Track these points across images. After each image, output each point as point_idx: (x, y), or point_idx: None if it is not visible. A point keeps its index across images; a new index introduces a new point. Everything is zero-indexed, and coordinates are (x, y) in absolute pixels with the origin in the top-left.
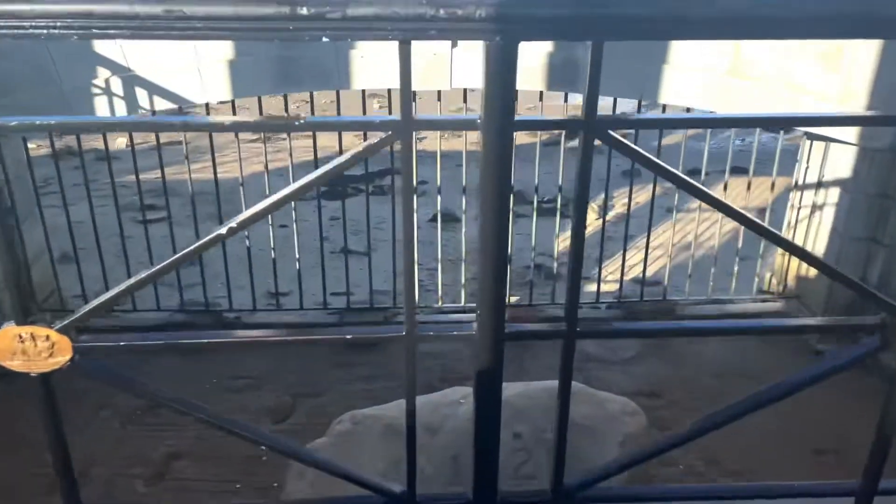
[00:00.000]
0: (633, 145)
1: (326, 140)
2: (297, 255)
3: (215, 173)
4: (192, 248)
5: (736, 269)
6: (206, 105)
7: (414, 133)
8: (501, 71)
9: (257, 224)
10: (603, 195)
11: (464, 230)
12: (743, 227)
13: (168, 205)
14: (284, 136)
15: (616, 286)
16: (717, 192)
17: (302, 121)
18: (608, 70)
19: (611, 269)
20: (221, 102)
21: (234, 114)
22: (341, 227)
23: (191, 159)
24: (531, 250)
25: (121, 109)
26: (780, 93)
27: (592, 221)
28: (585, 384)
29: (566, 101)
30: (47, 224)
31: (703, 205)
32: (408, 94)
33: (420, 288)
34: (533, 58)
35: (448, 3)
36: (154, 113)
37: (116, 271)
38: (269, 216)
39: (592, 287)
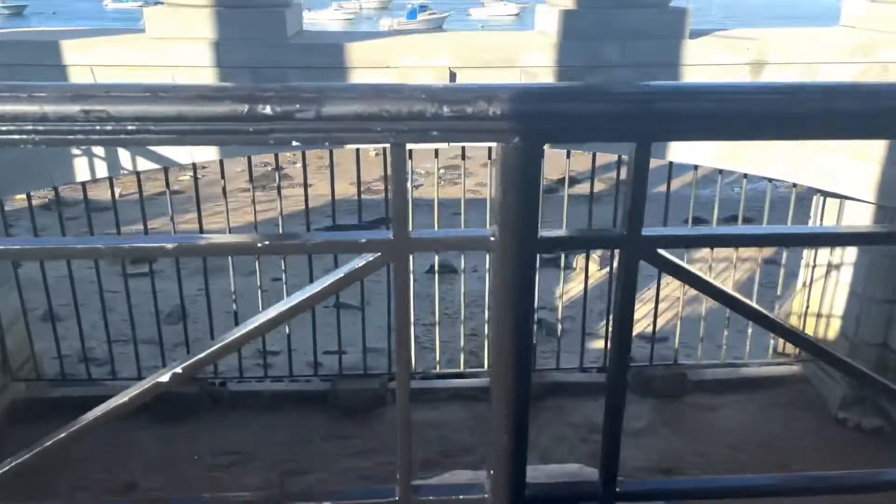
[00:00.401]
0: (687, 266)
1: (321, 188)
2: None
3: (200, 225)
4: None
5: (750, 330)
6: (194, 166)
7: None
8: (522, 179)
9: (248, 277)
10: None
11: (462, 282)
12: (757, 284)
13: (151, 267)
14: (285, 184)
15: None
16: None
17: (267, 243)
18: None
19: None
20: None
21: (223, 174)
22: None
23: (180, 209)
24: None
25: (101, 171)
26: (792, 150)
27: (594, 272)
28: (593, 456)
29: (568, 156)
30: (31, 281)
31: (714, 255)
32: (403, 205)
33: (416, 345)
34: None
35: (454, 98)
36: (138, 176)
37: (99, 329)
38: (257, 266)
39: (598, 344)
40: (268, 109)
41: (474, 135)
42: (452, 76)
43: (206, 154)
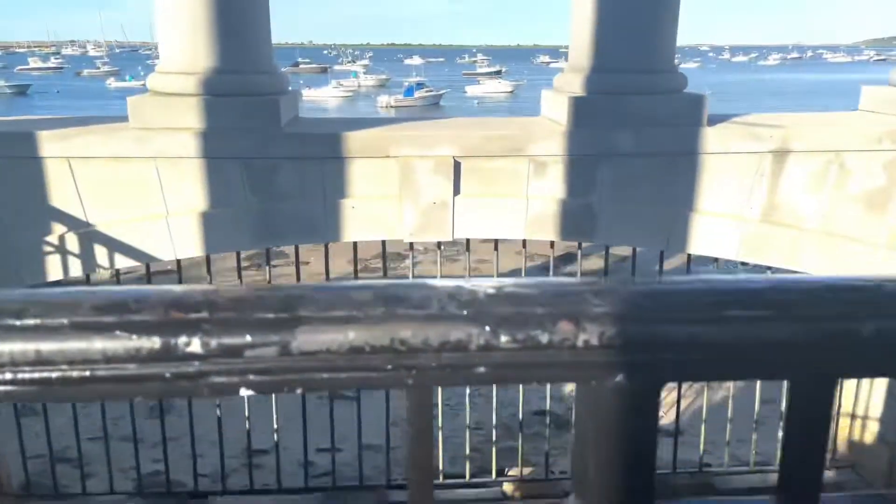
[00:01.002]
0: None
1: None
2: (276, 414)
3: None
4: None
5: (780, 433)
6: (178, 262)
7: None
8: (623, 429)
9: None
10: None
11: (467, 399)
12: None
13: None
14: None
15: None
16: None
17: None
18: (627, 215)
19: None
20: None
21: (209, 269)
22: None
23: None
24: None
25: (76, 269)
26: (821, 241)
27: None
28: None
29: (580, 247)
30: None
31: None
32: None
33: None
34: (542, 204)
35: (518, 318)
36: (118, 274)
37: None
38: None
39: None
40: (195, 345)
41: (547, 371)
42: (457, 166)
43: (189, 248)
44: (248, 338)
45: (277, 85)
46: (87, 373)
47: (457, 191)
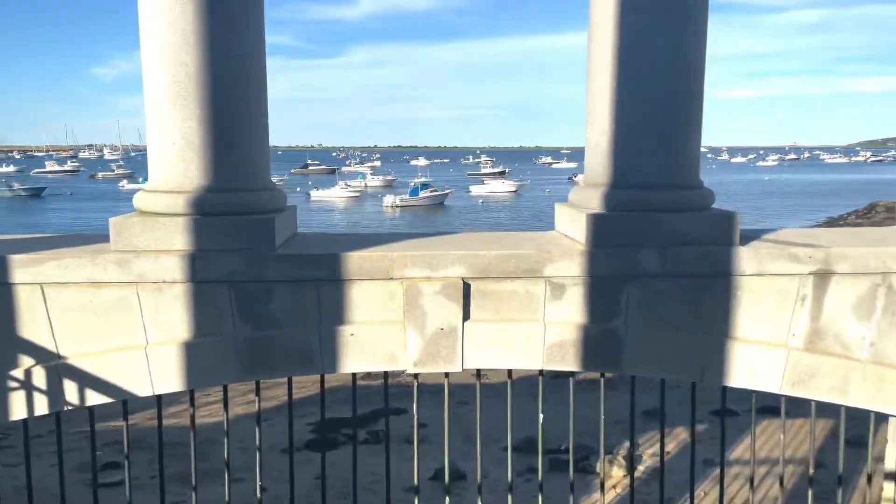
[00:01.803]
0: None
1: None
2: None
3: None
4: None
5: None
6: (158, 399)
7: None
8: None
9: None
10: (627, 443)
11: (477, 495)
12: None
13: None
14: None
15: None
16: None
17: None
18: (656, 343)
19: None
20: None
21: (193, 405)
22: (328, 489)
23: (166, 400)
24: None
25: (41, 407)
26: (872, 373)
27: (619, 479)
28: None
29: (602, 377)
30: None
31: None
32: None
33: None
34: (560, 330)
35: None
36: (91, 414)
37: None
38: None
39: None
40: None
41: None
42: (466, 288)
43: (170, 382)
44: None
45: (274, 202)
46: None
47: (466, 316)
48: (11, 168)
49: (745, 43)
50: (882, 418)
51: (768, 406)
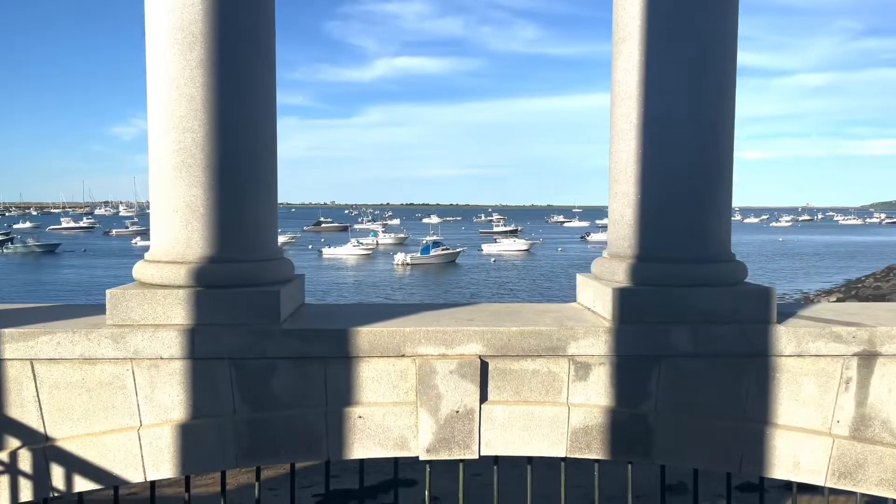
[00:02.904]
0: None
1: None
2: None
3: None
4: None
5: None
6: (152, 485)
7: None
8: None
9: None
10: None
11: None
12: None
13: None
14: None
15: None
16: None
17: None
18: (690, 429)
19: None
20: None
21: (189, 490)
22: None
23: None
24: None
25: (26, 493)
26: None
27: None
28: None
29: (631, 466)
30: None
31: None
32: None
33: None
34: (586, 413)
35: None
36: (80, 500)
37: None
38: None
39: None
40: None
41: None
42: (484, 367)
43: (164, 468)
44: None
45: (280, 273)
46: None
47: (484, 397)
48: (28, 224)
49: (753, 105)
50: None
51: (802, 483)
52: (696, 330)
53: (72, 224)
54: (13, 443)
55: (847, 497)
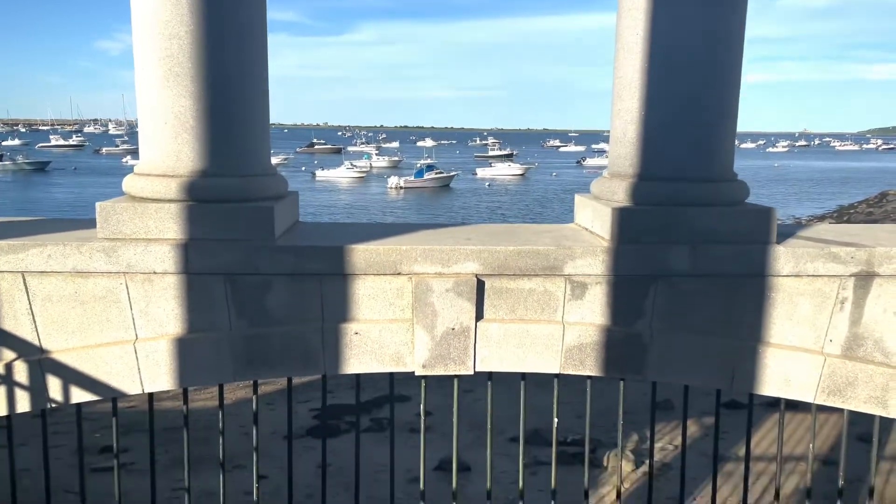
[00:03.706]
0: None
1: None
2: None
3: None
4: None
5: None
6: (150, 397)
7: None
8: None
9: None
10: (635, 436)
11: (484, 480)
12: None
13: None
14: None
15: None
16: (763, 435)
17: None
18: (683, 347)
19: None
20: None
21: (186, 403)
22: (330, 477)
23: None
24: None
25: (23, 404)
26: None
27: (628, 473)
28: None
29: (622, 391)
30: None
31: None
32: None
33: None
34: (580, 332)
35: None
36: (78, 410)
37: None
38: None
39: None
40: None
41: None
42: (480, 286)
43: (161, 381)
44: None
45: (274, 188)
46: None
47: (480, 315)
48: (17, 142)
49: (755, 27)
50: None
51: (777, 400)
52: (695, 250)
53: (61, 142)
54: (8, 355)
55: (828, 415)
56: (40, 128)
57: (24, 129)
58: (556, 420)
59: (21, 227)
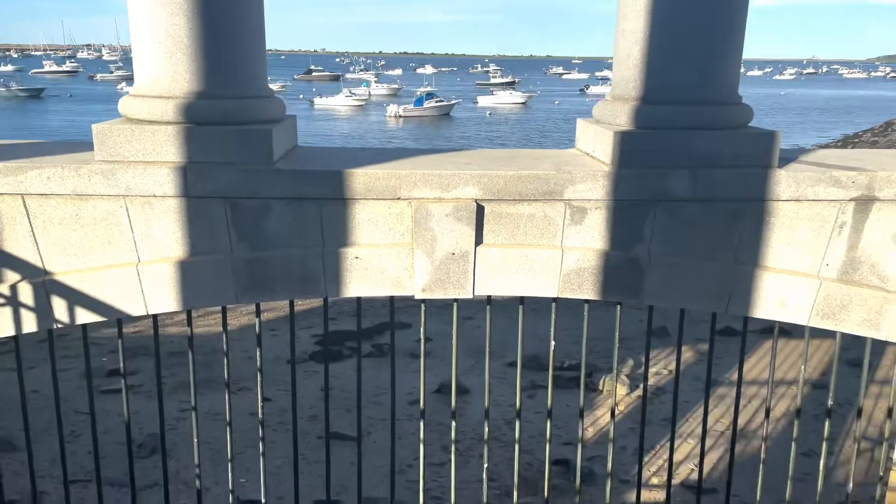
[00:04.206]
0: None
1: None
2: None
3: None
4: None
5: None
6: (154, 319)
7: None
8: None
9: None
10: (630, 361)
11: (482, 403)
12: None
13: (125, 379)
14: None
15: (662, 493)
16: (756, 361)
17: None
18: (680, 271)
19: (653, 470)
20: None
21: (190, 325)
22: (332, 400)
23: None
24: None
25: (30, 324)
26: None
27: (623, 397)
28: None
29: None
30: None
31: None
32: None
33: (426, 495)
34: (579, 256)
35: None
36: (84, 331)
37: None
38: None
39: (633, 495)
40: None
41: None
42: (480, 211)
43: (164, 302)
44: None
45: (271, 111)
46: None
47: (479, 240)
48: (10, 67)
49: None
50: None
51: (770, 327)
52: (696, 174)
53: (55, 68)
54: (12, 276)
55: (821, 341)
56: (32, 53)
57: (16, 55)
58: (552, 343)
59: (19, 150)
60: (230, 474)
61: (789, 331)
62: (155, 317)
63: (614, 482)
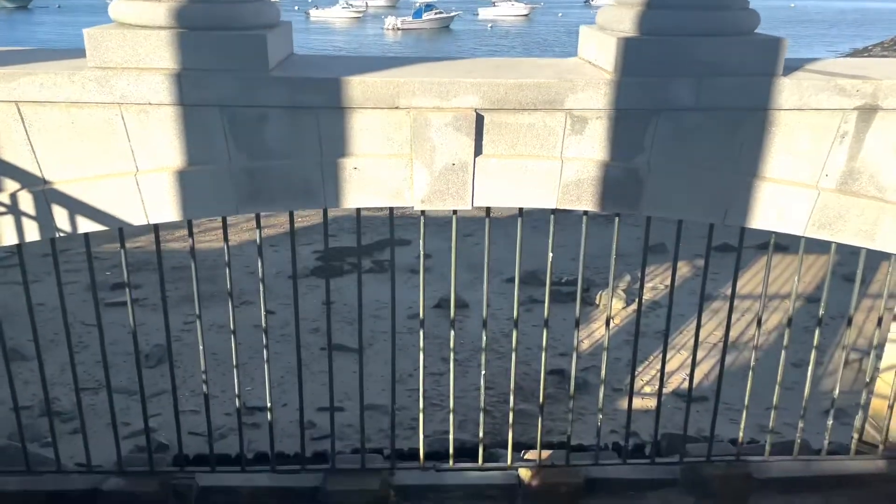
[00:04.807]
0: None
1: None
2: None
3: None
4: None
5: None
6: (155, 228)
7: None
8: None
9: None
10: (627, 276)
11: (481, 316)
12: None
13: (130, 290)
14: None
15: (653, 401)
16: (751, 276)
17: None
18: (679, 182)
19: (646, 379)
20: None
21: (191, 235)
22: (334, 314)
23: (174, 224)
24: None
25: (32, 233)
26: None
27: (619, 310)
28: None
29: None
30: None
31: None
32: None
33: (425, 402)
34: (578, 167)
35: None
36: (86, 239)
37: (69, 372)
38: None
39: (623, 403)
40: None
41: None
42: (479, 120)
43: (164, 212)
44: None
45: (265, 16)
46: None
47: (478, 150)
48: None
49: None
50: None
51: (767, 242)
52: (700, 83)
53: None
54: (12, 185)
55: (816, 257)
56: None
57: None
58: (550, 255)
59: (10, 57)
60: (236, 381)
61: (786, 246)
62: (156, 226)
63: (607, 390)
